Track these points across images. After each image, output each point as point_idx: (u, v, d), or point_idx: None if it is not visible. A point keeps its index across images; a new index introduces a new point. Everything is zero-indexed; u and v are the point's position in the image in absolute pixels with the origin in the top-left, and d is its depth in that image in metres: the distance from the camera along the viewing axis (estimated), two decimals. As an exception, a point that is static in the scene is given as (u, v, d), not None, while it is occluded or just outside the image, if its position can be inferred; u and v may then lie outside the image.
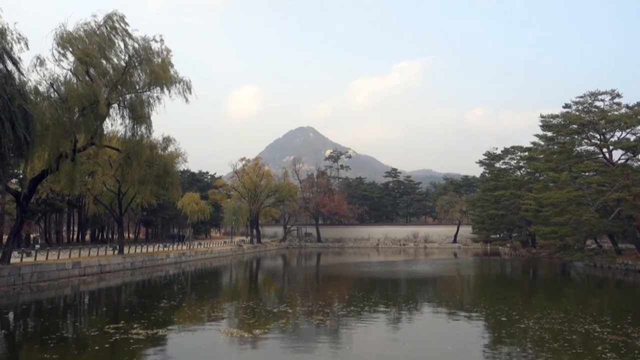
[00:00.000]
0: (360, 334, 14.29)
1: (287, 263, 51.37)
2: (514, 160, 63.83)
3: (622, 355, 11.26)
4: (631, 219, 35.01)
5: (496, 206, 61.70)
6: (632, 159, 38.23)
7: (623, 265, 36.92)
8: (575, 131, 37.38)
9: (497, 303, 20.31)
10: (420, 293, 25.52)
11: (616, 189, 33.15)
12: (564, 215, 35.30)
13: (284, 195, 77.16)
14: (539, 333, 13.84)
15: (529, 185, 53.46)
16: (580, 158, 38.45)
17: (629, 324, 15.21)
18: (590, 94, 37.68)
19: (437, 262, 49.18)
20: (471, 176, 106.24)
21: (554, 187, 39.89)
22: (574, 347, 12.17)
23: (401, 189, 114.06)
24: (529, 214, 51.16)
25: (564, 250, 39.76)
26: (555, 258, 45.42)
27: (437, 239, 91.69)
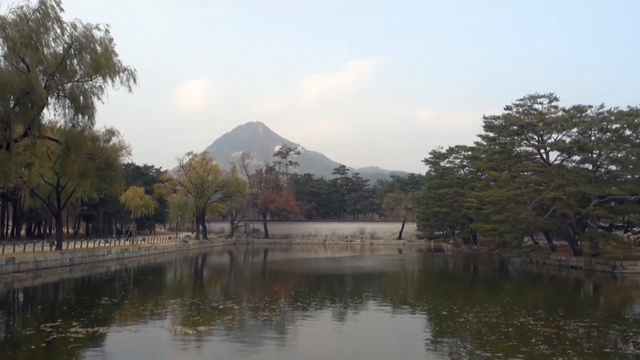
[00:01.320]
0: (306, 330, 14.37)
1: (234, 259, 50.93)
2: (458, 159, 65.58)
3: (554, 346, 11.83)
4: (565, 217, 36.72)
5: (440, 204, 63.24)
6: (567, 160, 40.08)
7: (557, 261, 38.73)
8: (516, 132, 38.80)
9: (439, 298, 20.90)
10: (365, 289, 25.89)
11: (552, 188, 34.66)
12: (503, 213, 36.60)
13: (232, 191, 76.34)
14: (477, 326, 14.35)
15: (472, 183, 55.08)
16: (520, 158, 39.96)
17: (561, 316, 15.99)
18: (530, 97, 39.18)
19: (383, 258, 50.01)
20: (417, 174, 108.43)
21: (494, 186, 41.29)
22: (510, 339, 12.70)
23: (349, 186, 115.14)
24: (470, 212, 52.78)
25: (503, 246, 41.25)
26: (494, 254, 47.09)
27: (383, 236, 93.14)
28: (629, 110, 35.72)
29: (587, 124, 36.49)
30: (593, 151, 36.92)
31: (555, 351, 11.32)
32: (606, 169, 39.01)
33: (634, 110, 35.47)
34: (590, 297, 24.27)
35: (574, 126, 36.93)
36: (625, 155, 36.46)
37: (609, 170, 39.04)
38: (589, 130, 36.92)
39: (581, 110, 36.95)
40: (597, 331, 14.05)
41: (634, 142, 36.44)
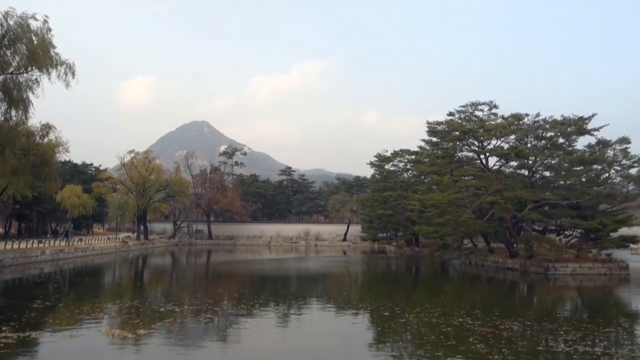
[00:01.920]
0: (250, 331, 14.24)
1: (176, 260, 49.88)
2: (402, 163, 66.84)
3: (491, 345, 12.25)
4: (502, 221, 38.13)
5: (384, 206, 64.24)
6: (505, 165, 41.64)
7: (494, 262, 40.15)
8: (457, 138, 39.98)
9: (382, 299, 21.22)
10: (309, 290, 25.95)
11: (490, 192, 35.93)
12: (445, 216, 37.59)
13: (175, 191, 74.70)
14: (418, 327, 14.67)
15: (415, 187, 56.26)
16: (461, 163, 41.20)
17: (497, 316, 16.58)
18: (472, 104, 40.48)
19: (327, 260, 50.29)
20: (363, 177, 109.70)
21: (436, 190, 42.31)
22: (449, 339, 13.05)
23: (295, 188, 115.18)
24: (413, 214, 53.88)
25: (444, 248, 42.39)
26: (436, 256, 48.27)
27: (328, 237, 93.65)
28: (562, 119, 37.53)
29: (524, 131, 38.06)
30: (529, 158, 38.55)
31: (492, 350, 11.73)
32: (541, 174, 40.82)
33: (567, 119, 37.30)
34: (524, 298, 25.29)
35: (512, 133, 38.43)
36: (559, 162, 38.31)
37: (544, 176, 40.88)
38: (525, 138, 38.51)
39: (519, 118, 38.49)
40: (530, 330, 14.66)
41: (566, 149, 38.36)
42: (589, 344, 12.45)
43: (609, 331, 14.50)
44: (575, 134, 37.36)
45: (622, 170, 38.25)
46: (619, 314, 19.14)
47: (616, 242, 36.52)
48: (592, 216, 35.98)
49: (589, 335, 13.68)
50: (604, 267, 33.60)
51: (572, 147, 38.64)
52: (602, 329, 14.68)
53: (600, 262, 34.49)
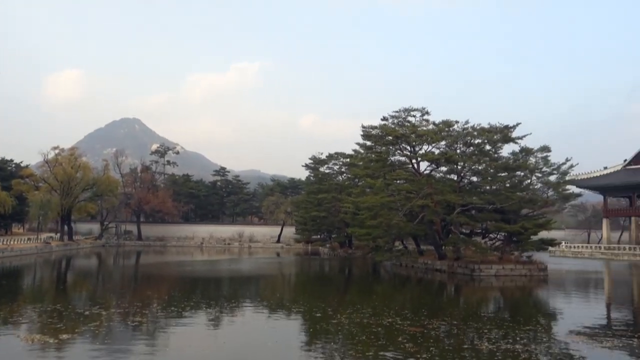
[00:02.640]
0: (180, 334, 13.94)
1: (103, 262, 47.98)
2: (337, 166, 67.56)
3: (419, 344, 12.61)
4: (432, 224, 39.34)
5: (318, 208, 64.68)
6: (435, 170, 42.98)
7: (424, 264, 41.36)
8: (391, 142, 40.87)
9: (315, 300, 21.35)
10: (242, 292, 25.71)
11: (421, 196, 36.99)
12: (377, 218, 38.34)
13: (103, 190, 71.86)
14: (349, 327, 14.88)
15: (349, 189, 57.05)
16: (394, 167, 42.14)
17: (425, 316, 17.10)
18: (405, 109, 41.44)
19: (260, 261, 50.03)
20: (297, 179, 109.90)
21: (370, 193, 43.06)
22: (379, 338, 13.32)
23: (229, 189, 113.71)
24: (347, 217, 54.60)
25: (376, 250, 43.21)
26: (368, 258, 49.11)
27: (262, 239, 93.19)
28: (489, 127, 39.18)
29: (454, 138, 39.45)
30: (458, 163, 39.99)
31: (420, 349, 12.08)
32: (469, 180, 42.45)
33: (494, 127, 38.98)
34: (451, 298, 26.21)
35: (443, 139, 39.71)
36: (485, 168, 39.99)
37: (471, 181, 42.54)
38: (455, 144, 39.91)
39: (449, 124, 39.84)
40: (456, 329, 15.22)
41: (492, 156, 40.10)
42: (510, 342, 13.07)
43: (528, 329, 15.29)
44: (501, 141, 39.12)
45: (543, 177, 40.33)
46: (538, 313, 20.23)
47: (536, 245, 38.58)
48: (514, 220, 37.80)
49: (511, 333, 14.35)
50: (525, 269, 35.41)
51: (497, 154, 40.42)
52: (523, 327, 15.47)
53: (521, 263, 36.32)
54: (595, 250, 72.98)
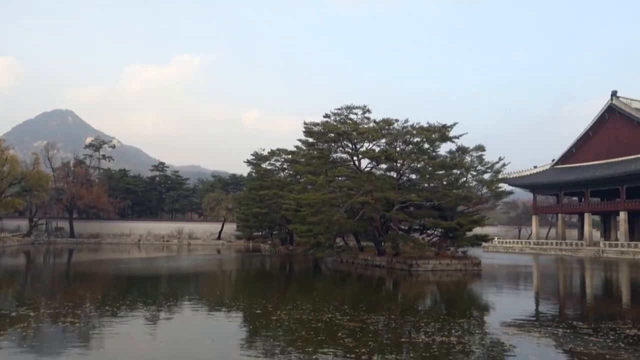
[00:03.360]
0: (115, 335, 13.47)
1: (31, 260, 45.75)
2: (279, 162, 67.41)
3: (358, 339, 12.79)
4: (372, 220, 39.97)
5: (260, 205, 64.33)
6: (375, 167, 43.72)
7: (364, 260, 41.99)
8: (332, 139, 41.21)
9: (255, 297, 21.22)
10: (181, 290, 25.20)
11: (362, 193, 37.51)
12: (319, 215, 38.57)
13: (32, 185, 68.59)
14: (289, 323, 14.90)
15: (291, 186, 57.02)
16: (335, 164, 42.52)
17: (364, 311, 17.34)
18: (347, 107, 41.85)
19: (200, 259, 49.26)
20: (239, 175, 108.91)
21: (311, 189, 43.23)
22: (319, 334, 13.41)
23: (168, 184, 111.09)
24: (288, 213, 54.61)
25: (317, 247, 43.49)
26: (309, 254, 49.33)
27: (202, 236, 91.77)
28: (428, 126, 40.18)
29: (394, 136, 40.21)
30: (397, 161, 40.83)
31: (359, 343, 12.25)
32: (408, 177, 43.44)
33: (432, 126, 40.02)
34: (390, 293, 26.74)
35: (383, 137, 40.39)
36: (424, 166, 41.02)
37: (410, 179, 43.56)
38: (395, 142, 40.67)
39: (389, 123, 40.57)
40: (394, 323, 15.55)
41: (430, 154, 41.19)
42: (445, 334, 13.48)
43: (462, 321, 15.82)
44: (439, 140, 40.24)
45: (477, 175, 41.80)
46: (472, 306, 20.97)
47: (471, 241, 40.03)
48: (451, 217, 39.02)
49: (446, 326, 14.80)
50: (460, 264, 36.62)
51: (435, 152, 41.56)
52: (457, 320, 15.99)
53: (457, 259, 37.54)
54: (525, 246, 76.56)
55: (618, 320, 16.31)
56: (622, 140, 69.43)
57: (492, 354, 11.96)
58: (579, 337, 13.45)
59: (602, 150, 72.14)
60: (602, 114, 73.05)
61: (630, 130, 68.46)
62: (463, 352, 11.74)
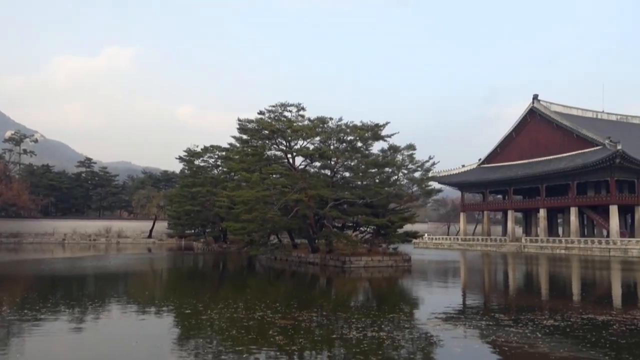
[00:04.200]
0: (36, 341, 12.77)
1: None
2: (213, 159, 66.48)
3: (289, 336, 12.80)
4: (306, 217, 40.14)
5: (193, 202, 63.18)
6: (310, 165, 43.92)
7: (297, 257, 42.12)
8: (267, 136, 41.00)
9: (186, 296, 20.77)
10: (108, 291, 24.27)
11: (296, 190, 37.58)
12: (253, 212, 38.30)
13: (-56, 181, 63.92)
14: (220, 323, 14.70)
15: (224, 183, 56.38)
16: (270, 161, 42.36)
17: (297, 308, 17.40)
18: (281, 104, 41.77)
19: (129, 258, 47.71)
20: (171, 171, 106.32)
21: (245, 187, 42.87)
22: (250, 332, 13.32)
23: (95, 181, 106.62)
24: (222, 211, 53.92)
25: (251, 244, 43.19)
26: (243, 252, 48.90)
27: (132, 234, 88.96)
28: (361, 125, 40.80)
29: (328, 134, 40.53)
30: (331, 159, 41.22)
31: (290, 341, 12.27)
32: (341, 175, 43.97)
33: (365, 125, 40.66)
34: (323, 290, 26.93)
35: (317, 135, 40.62)
36: (357, 164, 41.63)
37: (344, 177, 44.12)
38: (329, 140, 41.00)
39: (323, 121, 40.86)
40: (326, 320, 15.67)
41: (364, 153, 41.86)
42: (376, 329, 13.73)
43: (392, 316, 16.19)
44: (372, 139, 40.96)
45: (408, 173, 42.83)
46: (401, 301, 21.52)
47: (402, 237, 41.06)
48: (383, 214, 39.84)
49: (377, 321, 15.09)
50: (391, 260, 37.50)
51: (368, 150, 42.26)
52: (387, 315, 16.35)
53: (388, 255, 38.42)
54: (454, 242, 79.45)
55: (537, 311, 17.23)
56: (542, 142, 73.49)
57: (421, 347, 12.33)
58: (500, 329, 14.10)
59: (525, 151, 76.04)
60: (525, 116, 76.99)
61: (549, 132, 72.55)
62: (393, 346, 12.01)
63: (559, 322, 15.05)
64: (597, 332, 13.67)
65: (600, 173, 62.66)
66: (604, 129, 69.96)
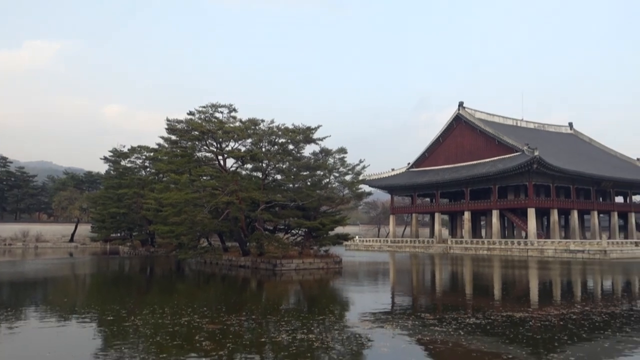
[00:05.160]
0: None
1: None
2: (140, 160, 64.41)
3: (217, 341, 12.55)
4: (237, 220, 39.65)
5: (118, 204, 60.97)
6: (241, 167, 43.43)
7: (228, 261, 41.52)
8: (197, 137, 40.11)
9: (110, 303, 19.90)
10: (25, 298, 22.81)
11: (227, 193, 37.02)
12: (181, 215, 37.35)
13: None
14: (144, 329, 14.19)
15: (152, 185, 54.73)
16: (200, 163, 41.49)
17: (226, 312, 17.10)
18: (212, 105, 41.00)
19: (49, 263, 45.21)
20: (95, 172, 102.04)
21: (174, 188, 41.79)
22: (175, 338, 12.93)
23: (12, 182, 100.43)
24: (149, 213, 52.30)
25: (179, 248, 42.14)
26: (171, 256, 47.66)
27: (52, 238, 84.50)
28: (293, 127, 40.86)
29: (260, 136, 40.28)
30: (263, 161, 40.95)
31: (217, 346, 12.02)
32: (273, 177, 43.81)
33: (297, 128, 40.76)
34: (253, 293, 26.65)
35: (249, 137, 40.26)
36: (288, 166, 41.65)
37: (275, 179, 43.97)
38: (260, 142, 40.76)
39: (255, 123, 40.56)
40: (255, 323, 15.49)
41: (295, 155, 41.93)
42: (305, 332, 13.72)
43: (322, 318, 16.24)
44: (303, 142, 41.09)
45: (340, 176, 43.39)
46: (331, 303, 21.63)
47: (333, 240, 41.43)
48: (314, 216, 40.07)
49: (307, 323, 15.08)
50: (322, 262, 37.75)
51: (300, 153, 42.39)
52: (317, 317, 16.39)
53: (319, 257, 38.65)
54: (383, 244, 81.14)
55: (460, 310, 17.86)
56: (467, 147, 76.62)
57: (350, 348, 12.41)
58: (426, 328, 14.48)
59: (451, 156, 78.99)
60: (451, 122, 79.98)
61: (473, 138, 75.76)
62: (322, 348, 12.03)
63: (480, 320, 15.67)
64: (515, 329, 14.34)
65: (519, 177, 66.09)
66: (523, 136, 74.01)
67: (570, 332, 14.06)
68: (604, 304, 20.14)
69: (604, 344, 12.59)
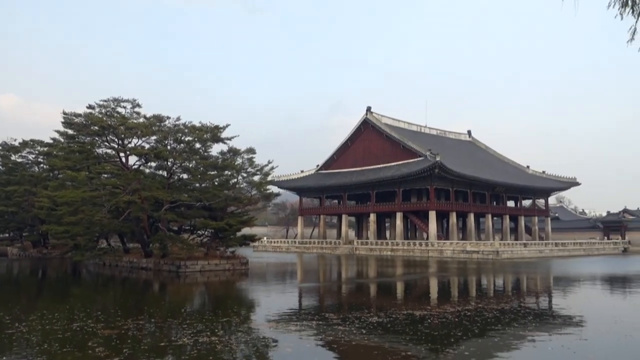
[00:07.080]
0: None
1: None
2: (33, 155, 60.11)
3: (113, 347, 11.83)
4: (139, 220, 38.01)
5: (7, 202, 56.41)
6: (144, 165, 41.74)
7: (129, 263, 39.72)
8: (96, 133, 37.97)
9: (-9, 309, 18.22)
10: None
11: (128, 192, 35.37)
12: (78, 214, 35.21)
13: None
14: (29, 336, 13.09)
15: (46, 182, 51.19)
16: (99, 159, 39.30)
17: (122, 316, 16.25)
18: (114, 99, 39.07)
19: None
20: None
21: (70, 186, 39.33)
22: (65, 345, 12.04)
23: None
24: (42, 212, 48.80)
25: (75, 249, 39.64)
26: (67, 258, 44.92)
27: None
28: (200, 125, 39.87)
29: (165, 133, 38.92)
30: (168, 159, 39.62)
31: (113, 351, 11.32)
32: (179, 176, 42.45)
33: (205, 126, 39.83)
34: (154, 296, 25.60)
35: (154, 134, 38.79)
36: (195, 165, 40.57)
37: (181, 178, 42.64)
38: (165, 140, 39.39)
39: (160, 119, 39.15)
40: (155, 327, 14.82)
41: (202, 154, 40.95)
42: (208, 334, 13.32)
43: (227, 320, 15.89)
44: (211, 140, 40.23)
45: (248, 176, 42.87)
46: (236, 305, 21.28)
47: (240, 241, 40.89)
48: (221, 217, 39.27)
49: (210, 325, 14.67)
50: (229, 263, 37.14)
51: (207, 152, 41.46)
52: (221, 319, 16.01)
53: (225, 258, 37.99)
54: (292, 245, 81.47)
55: (364, 310, 18.20)
56: (374, 151, 78.88)
57: (254, 349, 12.20)
58: (330, 327, 14.59)
59: (359, 159, 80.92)
60: (359, 126, 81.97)
61: (380, 142, 78.17)
62: (225, 351, 11.72)
63: (382, 319, 16.05)
64: (415, 326, 14.83)
65: (422, 181, 69.02)
66: (427, 142, 77.42)
67: (465, 328, 14.76)
68: (496, 301, 21.43)
69: (494, 339, 13.33)
